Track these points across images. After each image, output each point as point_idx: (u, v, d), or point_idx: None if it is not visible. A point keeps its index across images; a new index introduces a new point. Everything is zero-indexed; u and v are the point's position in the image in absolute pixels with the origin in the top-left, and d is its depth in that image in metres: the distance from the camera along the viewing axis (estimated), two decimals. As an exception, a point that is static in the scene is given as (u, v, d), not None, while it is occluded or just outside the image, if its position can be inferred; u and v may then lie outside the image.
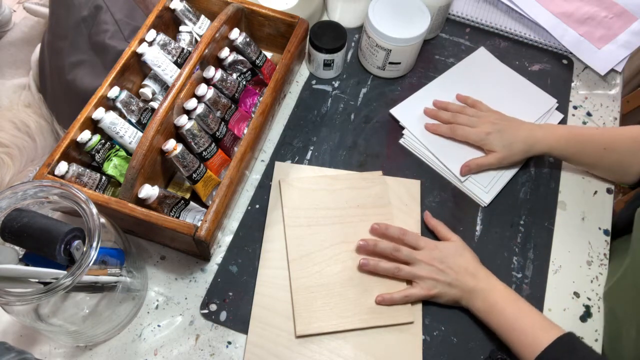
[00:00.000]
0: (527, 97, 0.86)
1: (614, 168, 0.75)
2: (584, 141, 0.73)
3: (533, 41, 0.94)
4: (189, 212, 0.67)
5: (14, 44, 1.12)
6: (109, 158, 0.67)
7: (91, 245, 0.48)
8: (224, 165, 0.72)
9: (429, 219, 0.72)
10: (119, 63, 0.70)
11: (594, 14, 0.93)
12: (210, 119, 0.69)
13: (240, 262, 0.70)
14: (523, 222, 0.75)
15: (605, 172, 0.77)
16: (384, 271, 0.66)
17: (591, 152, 0.73)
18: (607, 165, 0.75)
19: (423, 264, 0.65)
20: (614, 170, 0.75)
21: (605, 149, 0.72)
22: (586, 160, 0.74)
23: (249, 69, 0.78)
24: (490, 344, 0.66)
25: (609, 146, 0.72)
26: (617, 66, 0.91)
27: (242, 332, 0.65)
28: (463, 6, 0.96)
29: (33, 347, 0.63)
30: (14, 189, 0.51)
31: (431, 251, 0.66)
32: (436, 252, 0.66)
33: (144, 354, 0.63)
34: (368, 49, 0.83)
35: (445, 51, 0.92)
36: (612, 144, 0.72)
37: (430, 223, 0.72)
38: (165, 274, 0.69)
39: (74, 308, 0.58)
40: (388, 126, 0.82)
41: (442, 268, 0.65)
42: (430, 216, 0.73)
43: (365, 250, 0.68)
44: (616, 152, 0.73)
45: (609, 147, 0.72)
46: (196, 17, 0.79)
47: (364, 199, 0.73)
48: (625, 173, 0.74)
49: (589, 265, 0.73)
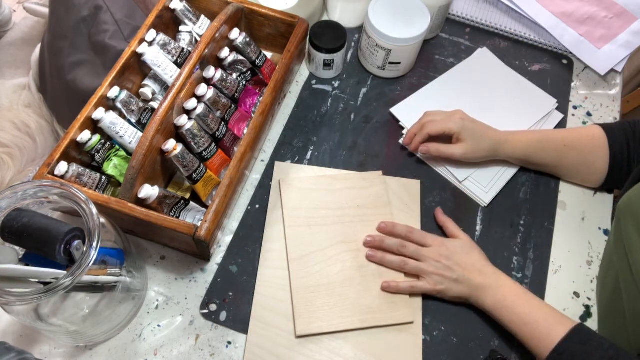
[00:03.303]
0: (527, 97, 0.86)
1: (577, 167, 0.75)
2: (543, 139, 0.74)
3: (533, 41, 0.94)
4: (189, 212, 0.67)
5: (14, 44, 1.12)
6: (109, 158, 0.67)
7: (91, 245, 0.48)
8: (224, 165, 0.72)
9: (439, 215, 0.72)
10: (119, 63, 0.70)
11: (594, 14, 0.93)
12: (210, 119, 0.69)
13: (240, 262, 0.70)
14: (523, 222, 0.75)
15: (570, 172, 0.76)
16: (390, 264, 0.67)
17: (551, 149, 0.73)
18: (569, 164, 0.74)
19: (430, 260, 0.66)
20: (578, 170, 0.75)
21: (565, 146, 0.73)
22: (548, 159, 0.74)
23: (249, 69, 0.78)
24: (490, 344, 0.66)
25: (568, 143, 0.73)
26: (617, 66, 0.91)
27: (242, 332, 0.65)
28: (463, 6, 0.96)
29: (33, 347, 0.63)
30: (14, 189, 0.51)
31: (438, 248, 0.66)
32: (443, 249, 0.66)
33: (144, 354, 0.63)
34: (368, 49, 0.83)
35: (445, 51, 0.92)
36: (572, 142, 0.73)
37: (440, 219, 0.72)
38: (165, 274, 0.69)
39: (74, 308, 0.58)
40: (388, 126, 0.82)
41: (449, 265, 0.65)
42: (441, 212, 0.73)
43: (372, 245, 0.69)
44: (576, 150, 0.73)
45: (568, 144, 0.73)
46: (196, 17, 0.79)
47: (364, 199, 0.73)
48: (589, 172, 0.74)
49: (589, 265, 0.73)
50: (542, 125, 0.83)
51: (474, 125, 0.73)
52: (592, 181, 0.76)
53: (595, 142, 0.72)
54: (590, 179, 0.76)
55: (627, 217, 0.64)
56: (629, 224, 0.63)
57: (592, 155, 0.73)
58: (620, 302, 0.63)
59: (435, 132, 0.74)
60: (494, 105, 0.84)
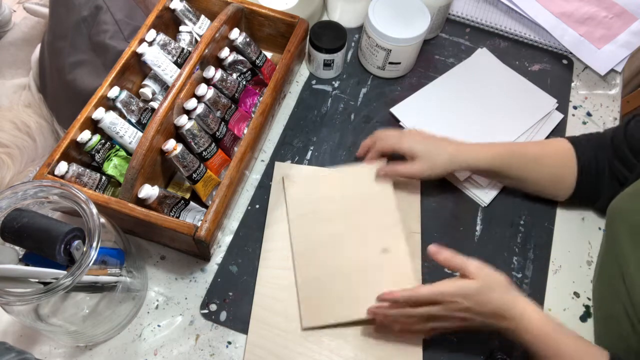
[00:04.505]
0: (527, 98, 0.86)
1: (545, 183, 0.72)
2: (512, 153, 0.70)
3: (533, 41, 0.94)
4: (189, 212, 0.67)
5: (14, 44, 1.12)
6: (109, 158, 0.67)
7: (91, 245, 0.48)
8: (224, 165, 0.72)
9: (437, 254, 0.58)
10: (119, 63, 0.70)
11: (593, 14, 0.93)
12: (210, 119, 0.69)
13: (240, 262, 0.70)
14: (523, 222, 0.75)
15: (537, 187, 0.73)
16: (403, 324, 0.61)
17: (521, 164, 0.70)
18: (537, 179, 0.71)
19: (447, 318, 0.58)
20: (545, 185, 0.72)
21: (536, 161, 0.70)
22: (516, 173, 0.70)
23: (249, 69, 0.78)
24: (490, 344, 0.66)
25: (539, 159, 0.70)
26: (617, 66, 0.91)
27: (242, 332, 0.65)
28: (463, 6, 0.96)
29: (33, 347, 0.63)
30: (14, 189, 0.51)
31: (450, 305, 0.57)
32: (455, 305, 0.56)
33: (144, 354, 0.63)
34: (368, 49, 0.83)
35: (445, 51, 0.92)
36: (543, 158, 0.70)
37: (439, 259, 0.58)
38: (165, 274, 0.69)
39: (74, 308, 0.58)
40: (388, 126, 0.82)
41: (466, 317, 0.57)
42: (436, 250, 0.59)
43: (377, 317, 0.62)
44: (548, 166, 0.70)
45: (539, 160, 0.70)
46: (196, 17, 0.79)
47: (369, 190, 0.72)
48: (557, 188, 0.72)
49: (589, 265, 0.73)
50: (542, 125, 0.83)
51: (426, 142, 0.69)
52: (559, 195, 0.74)
53: (565, 157, 0.70)
54: (558, 193, 0.73)
55: (617, 222, 0.64)
56: (619, 229, 0.63)
57: (562, 170, 0.70)
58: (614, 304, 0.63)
59: (386, 149, 0.71)
60: (494, 105, 0.84)
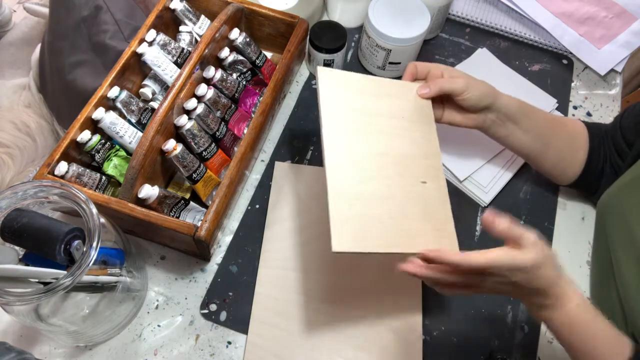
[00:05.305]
0: (527, 98, 0.84)
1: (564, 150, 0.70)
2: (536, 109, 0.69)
3: (533, 41, 0.94)
4: (189, 212, 0.67)
5: (14, 44, 1.12)
6: (109, 158, 0.67)
7: (91, 245, 0.48)
8: (224, 165, 0.72)
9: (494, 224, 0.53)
10: (119, 63, 0.70)
11: (593, 14, 0.93)
12: (210, 119, 0.69)
13: (240, 262, 0.70)
14: (523, 222, 0.75)
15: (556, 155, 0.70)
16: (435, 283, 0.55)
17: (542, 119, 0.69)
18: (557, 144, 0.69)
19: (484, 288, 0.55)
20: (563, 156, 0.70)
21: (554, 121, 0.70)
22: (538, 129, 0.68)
23: (249, 69, 0.78)
24: (490, 344, 0.66)
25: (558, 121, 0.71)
26: (617, 66, 0.91)
27: (242, 332, 0.65)
28: (463, 6, 0.96)
29: (33, 347, 0.63)
30: (14, 189, 0.51)
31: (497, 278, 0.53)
32: (503, 279, 0.53)
33: (144, 354, 0.63)
34: (368, 49, 0.83)
35: (445, 51, 0.92)
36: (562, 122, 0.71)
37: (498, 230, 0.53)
38: (165, 274, 0.69)
39: (74, 308, 0.58)
40: (388, 126, 0.82)
41: (506, 290, 0.54)
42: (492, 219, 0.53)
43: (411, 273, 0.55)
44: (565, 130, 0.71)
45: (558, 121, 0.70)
46: (196, 17, 0.79)
47: (409, 112, 0.64)
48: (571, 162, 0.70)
49: (589, 265, 0.73)
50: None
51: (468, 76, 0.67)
52: (566, 176, 0.72)
53: (579, 137, 0.71)
54: (566, 172, 0.71)
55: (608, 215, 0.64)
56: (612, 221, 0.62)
57: (577, 141, 0.70)
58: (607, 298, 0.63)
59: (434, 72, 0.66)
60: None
